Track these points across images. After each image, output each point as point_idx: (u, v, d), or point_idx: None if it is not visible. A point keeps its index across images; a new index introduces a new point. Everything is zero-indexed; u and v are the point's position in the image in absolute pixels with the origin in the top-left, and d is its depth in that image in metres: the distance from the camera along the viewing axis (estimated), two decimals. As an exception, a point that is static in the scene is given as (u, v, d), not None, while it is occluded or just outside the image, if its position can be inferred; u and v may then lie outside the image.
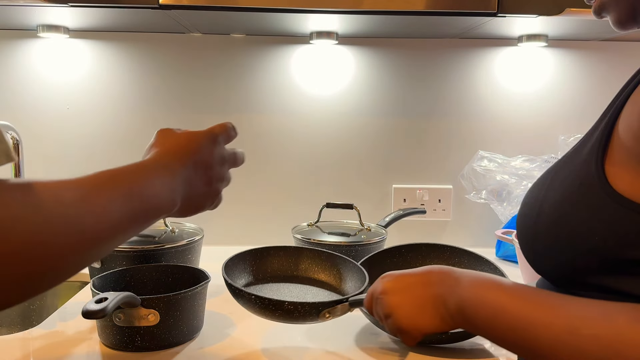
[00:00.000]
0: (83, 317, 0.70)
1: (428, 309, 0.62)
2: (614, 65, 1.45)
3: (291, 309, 0.77)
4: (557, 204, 0.56)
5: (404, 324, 0.64)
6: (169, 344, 0.84)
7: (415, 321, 0.63)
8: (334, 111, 1.46)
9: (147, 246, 1.05)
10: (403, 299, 0.64)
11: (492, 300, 0.55)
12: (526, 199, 0.64)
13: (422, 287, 0.63)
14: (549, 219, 0.56)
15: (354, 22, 1.22)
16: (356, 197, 1.48)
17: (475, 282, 0.59)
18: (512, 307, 0.53)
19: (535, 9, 1.06)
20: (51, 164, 1.46)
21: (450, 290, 0.60)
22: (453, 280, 0.61)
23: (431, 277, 0.64)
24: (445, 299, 0.61)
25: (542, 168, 1.38)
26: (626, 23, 0.60)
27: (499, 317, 0.54)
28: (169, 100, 1.45)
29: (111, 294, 0.74)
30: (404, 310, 0.63)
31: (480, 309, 0.56)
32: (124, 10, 1.11)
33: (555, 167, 0.62)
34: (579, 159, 0.56)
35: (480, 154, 1.42)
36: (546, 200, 0.58)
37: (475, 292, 0.58)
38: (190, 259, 1.11)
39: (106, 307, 0.70)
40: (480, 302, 0.56)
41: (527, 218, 0.61)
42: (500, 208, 1.39)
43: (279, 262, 0.99)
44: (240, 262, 0.94)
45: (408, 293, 0.64)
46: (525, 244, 0.61)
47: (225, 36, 1.43)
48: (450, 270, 0.64)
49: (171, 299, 0.82)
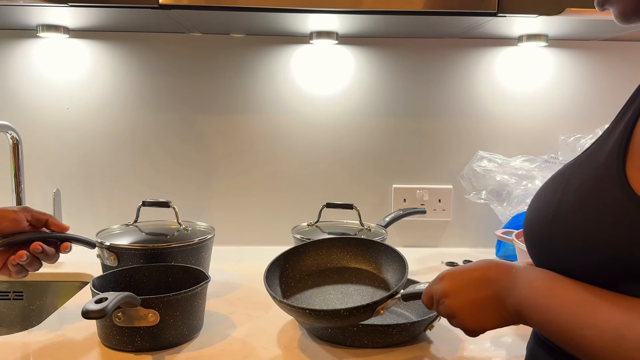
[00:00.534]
0: (83, 317, 0.70)
1: (489, 310, 0.63)
2: (614, 65, 1.45)
3: (347, 314, 0.78)
4: (576, 208, 0.55)
5: (467, 325, 0.66)
6: (168, 344, 0.84)
7: (478, 321, 0.65)
8: (334, 111, 1.46)
9: (160, 244, 1.05)
10: (464, 301, 0.65)
11: (544, 306, 0.56)
12: (537, 202, 0.62)
13: (480, 287, 0.64)
14: (568, 223, 0.55)
15: (354, 22, 1.22)
16: (356, 197, 1.48)
17: (530, 283, 0.59)
18: (563, 313, 0.54)
19: (535, 9, 1.06)
20: (51, 164, 1.46)
21: (507, 291, 0.62)
22: (510, 280, 0.62)
23: (489, 275, 0.64)
24: (504, 299, 0.62)
25: (542, 168, 1.38)
26: (631, 16, 0.58)
27: (552, 323, 0.55)
28: (168, 100, 1.45)
29: (111, 294, 0.74)
30: (466, 312, 0.65)
31: (534, 314, 0.58)
32: (124, 10, 1.11)
33: (568, 169, 0.60)
34: (597, 162, 0.55)
35: (480, 154, 1.42)
36: (562, 203, 0.57)
37: (530, 295, 0.59)
38: (203, 256, 1.11)
39: (106, 307, 0.70)
40: (533, 307, 0.58)
41: (539, 221, 0.60)
42: (500, 208, 1.39)
43: (311, 257, 0.98)
44: (276, 269, 0.94)
45: (468, 295, 0.65)
46: (538, 247, 0.60)
47: (225, 36, 1.43)
48: (506, 267, 0.64)
49: (171, 299, 0.82)
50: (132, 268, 0.98)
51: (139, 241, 1.06)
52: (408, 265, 0.87)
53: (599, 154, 0.56)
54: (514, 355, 0.85)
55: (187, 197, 1.48)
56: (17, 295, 1.24)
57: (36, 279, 1.24)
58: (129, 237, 1.08)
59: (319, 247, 0.99)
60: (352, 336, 0.84)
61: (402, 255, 0.91)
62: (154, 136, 1.46)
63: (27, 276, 0.88)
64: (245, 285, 1.16)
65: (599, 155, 0.56)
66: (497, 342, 0.88)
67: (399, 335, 0.85)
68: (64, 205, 1.41)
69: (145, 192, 1.46)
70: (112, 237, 1.08)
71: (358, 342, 0.84)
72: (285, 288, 0.93)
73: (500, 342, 0.88)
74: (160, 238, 1.09)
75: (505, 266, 0.64)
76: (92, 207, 1.47)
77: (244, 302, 1.06)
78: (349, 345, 0.85)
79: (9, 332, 0.89)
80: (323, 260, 0.99)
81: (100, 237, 1.08)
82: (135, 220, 1.18)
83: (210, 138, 1.47)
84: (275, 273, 0.93)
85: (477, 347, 0.87)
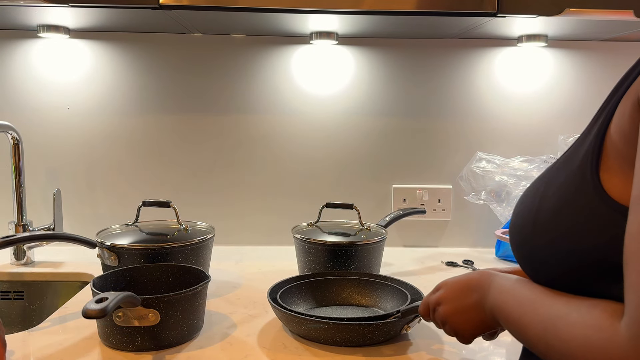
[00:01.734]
0: (83, 316, 0.69)
1: (473, 315, 0.68)
2: (613, 65, 1.45)
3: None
4: (554, 213, 0.55)
5: (457, 329, 0.71)
6: (169, 343, 0.84)
7: (466, 326, 0.70)
8: (334, 111, 1.47)
9: (160, 244, 1.05)
10: (453, 307, 0.71)
11: (505, 306, 0.60)
12: (519, 207, 0.63)
13: (466, 294, 0.70)
14: (546, 228, 0.55)
15: (354, 22, 1.23)
16: (356, 197, 1.48)
17: (499, 287, 0.63)
18: (514, 311, 0.58)
19: (535, 9, 1.06)
20: (51, 164, 1.46)
21: (484, 298, 0.66)
22: (487, 285, 0.66)
23: (472, 282, 0.70)
24: (483, 304, 0.66)
25: (541, 169, 1.38)
26: None
27: (509, 321, 0.59)
28: (168, 100, 1.45)
29: (111, 294, 0.74)
30: (455, 318, 0.71)
31: (501, 315, 0.61)
32: (124, 10, 1.11)
33: (547, 174, 0.61)
34: (573, 165, 0.55)
35: (479, 155, 1.42)
36: (541, 209, 0.57)
37: (497, 298, 0.63)
38: (203, 256, 1.11)
39: (106, 306, 0.70)
40: (500, 308, 0.61)
41: (520, 226, 0.60)
42: (500, 209, 1.39)
43: (330, 289, 1.04)
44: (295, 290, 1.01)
45: (456, 302, 0.71)
46: (521, 251, 0.61)
47: (225, 36, 1.43)
48: (487, 274, 0.68)
49: (171, 299, 0.82)
50: (132, 268, 0.98)
51: (139, 241, 1.07)
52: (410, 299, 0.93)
53: (575, 158, 0.56)
54: (513, 355, 0.85)
55: (188, 196, 1.48)
56: (17, 295, 1.24)
57: (37, 279, 1.24)
58: (129, 237, 1.08)
59: (331, 284, 1.05)
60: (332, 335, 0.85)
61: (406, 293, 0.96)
62: (155, 136, 1.46)
63: (28, 276, 0.87)
64: (246, 285, 1.16)
65: (575, 159, 0.56)
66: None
67: (372, 335, 0.85)
68: (64, 205, 1.41)
69: (145, 192, 1.46)
70: (112, 237, 1.08)
71: (331, 340, 0.85)
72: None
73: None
74: (160, 238, 1.09)
75: (488, 274, 0.68)
76: (93, 207, 1.48)
77: (244, 302, 1.06)
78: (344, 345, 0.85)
79: (9, 332, 0.89)
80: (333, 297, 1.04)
81: (100, 237, 1.09)
82: (136, 220, 1.18)
83: (210, 138, 1.47)
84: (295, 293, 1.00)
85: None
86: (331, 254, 1.12)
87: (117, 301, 0.73)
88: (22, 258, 1.28)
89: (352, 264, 1.12)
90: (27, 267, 1.27)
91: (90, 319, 0.74)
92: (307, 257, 1.15)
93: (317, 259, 1.13)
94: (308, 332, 0.86)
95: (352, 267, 1.12)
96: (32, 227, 1.30)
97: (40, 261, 1.30)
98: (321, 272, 1.08)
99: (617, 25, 1.23)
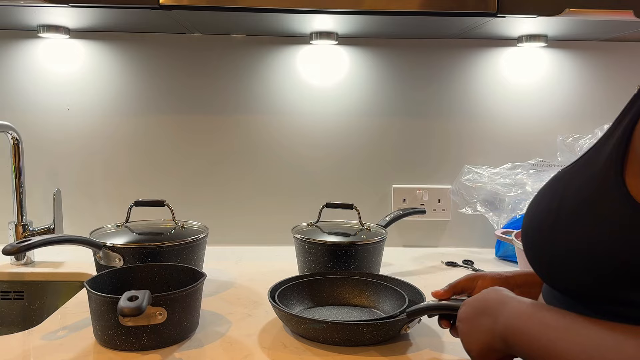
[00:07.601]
0: (121, 315, 0.73)
1: (483, 338, 0.66)
2: (613, 66, 1.45)
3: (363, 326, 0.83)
4: (576, 216, 0.54)
5: (469, 350, 0.69)
6: (173, 340, 0.85)
7: (475, 348, 0.68)
8: (334, 111, 1.47)
9: (155, 243, 1.06)
10: (468, 327, 0.69)
11: (526, 330, 0.57)
12: (534, 209, 0.61)
13: (479, 316, 0.68)
14: (568, 230, 0.54)
15: (354, 22, 1.23)
16: (356, 197, 1.48)
17: (516, 309, 0.61)
18: (542, 338, 0.55)
19: (535, 9, 1.06)
20: (51, 164, 1.46)
21: (496, 318, 0.64)
22: (500, 307, 0.64)
23: (484, 305, 0.68)
24: (493, 330, 0.64)
25: (531, 173, 1.41)
26: None
27: (532, 347, 0.56)
28: (168, 101, 1.45)
29: (140, 292, 0.76)
30: (467, 338, 0.69)
31: (517, 339, 0.58)
32: (124, 10, 1.11)
33: (565, 175, 0.59)
34: (595, 167, 0.54)
35: (466, 168, 1.45)
36: (562, 211, 0.56)
37: (514, 321, 0.60)
38: (197, 256, 1.12)
39: (141, 304, 0.73)
40: (517, 332, 0.59)
41: (538, 228, 0.59)
42: (496, 217, 1.41)
43: (327, 289, 1.04)
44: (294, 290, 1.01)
45: (471, 322, 0.69)
46: (539, 259, 0.60)
47: (225, 36, 1.43)
48: (502, 295, 0.66)
49: (177, 296, 0.83)
50: (127, 268, 0.98)
51: (131, 241, 1.08)
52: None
53: (597, 160, 0.55)
54: None
55: (188, 196, 1.48)
56: (17, 295, 1.24)
57: (37, 278, 1.24)
58: (123, 237, 1.09)
59: (333, 282, 1.04)
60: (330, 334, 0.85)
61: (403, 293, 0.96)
62: (155, 136, 1.46)
63: (28, 276, 0.87)
64: (246, 285, 1.16)
65: (597, 162, 0.55)
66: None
67: (371, 335, 0.85)
68: (64, 205, 1.41)
69: (145, 192, 1.46)
70: (106, 237, 1.09)
71: (330, 340, 0.86)
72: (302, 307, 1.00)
73: None
74: (153, 237, 1.10)
75: (503, 294, 0.66)
76: (93, 207, 1.47)
77: (244, 302, 1.06)
78: (343, 344, 0.85)
79: (9, 332, 0.89)
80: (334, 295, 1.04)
81: (94, 237, 1.09)
82: (126, 220, 1.19)
83: (210, 138, 1.47)
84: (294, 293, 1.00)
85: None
86: (331, 254, 1.12)
87: (148, 299, 0.75)
88: (22, 258, 1.28)
89: (352, 264, 1.12)
90: (27, 267, 1.27)
91: (126, 317, 0.76)
92: (307, 257, 1.15)
93: (317, 259, 1.13)
94: (308, 331, 0.86)
95: (352, 267, 1.12)
96: (32, 227, 1.30)
97: (40, 261, 1.30)
98: (321, 272, 1.08)
99: (617, 25, 1.23)
